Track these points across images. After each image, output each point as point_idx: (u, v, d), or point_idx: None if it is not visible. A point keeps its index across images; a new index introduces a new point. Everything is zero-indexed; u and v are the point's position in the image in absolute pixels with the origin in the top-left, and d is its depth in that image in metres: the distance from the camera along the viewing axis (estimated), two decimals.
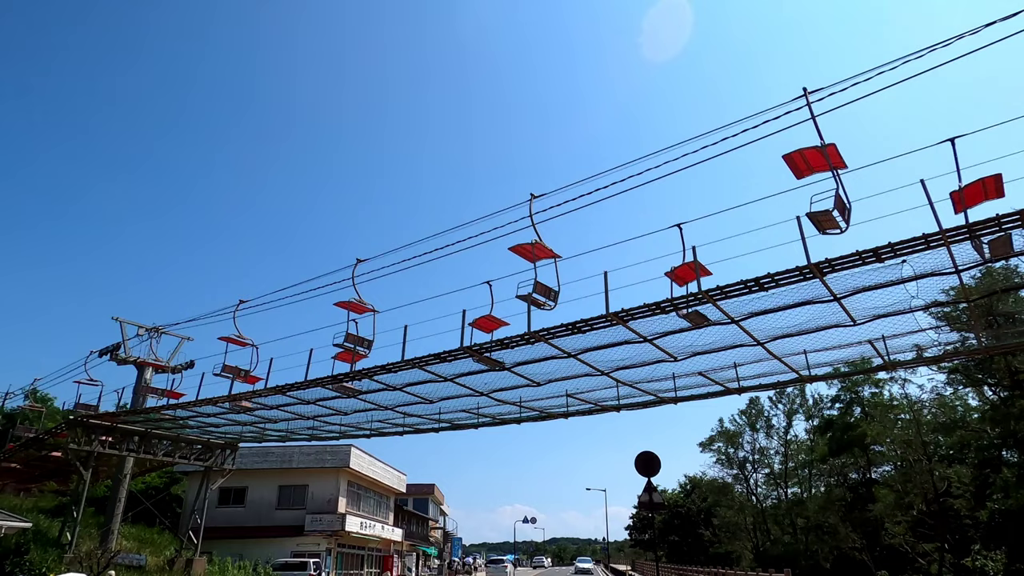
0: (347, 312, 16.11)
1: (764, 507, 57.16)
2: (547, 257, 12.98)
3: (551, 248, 12.76)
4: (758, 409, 57.88)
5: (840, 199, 9.80)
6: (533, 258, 12.87)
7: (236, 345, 19.41)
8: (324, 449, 37.23)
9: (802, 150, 9.81)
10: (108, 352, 26.05)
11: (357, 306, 15.97)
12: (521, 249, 12.81)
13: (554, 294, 13.08)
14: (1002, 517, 28.91)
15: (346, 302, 15.89)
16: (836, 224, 10.00)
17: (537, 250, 12.76)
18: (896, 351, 14.86)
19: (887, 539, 36.35)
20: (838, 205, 9.78)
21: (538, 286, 12.76)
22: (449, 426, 22.30)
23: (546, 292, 12.95)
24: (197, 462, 28.15)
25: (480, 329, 13.89)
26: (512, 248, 12.86)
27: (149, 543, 28.65)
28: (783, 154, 9.91)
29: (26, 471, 33.96)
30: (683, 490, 77.48)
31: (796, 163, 9.95)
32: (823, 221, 9.99)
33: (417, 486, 67.94)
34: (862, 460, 42.76)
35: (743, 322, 12.55)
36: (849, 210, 10.07)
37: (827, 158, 9.77)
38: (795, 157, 9.87)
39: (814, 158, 9.86)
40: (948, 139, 9.55)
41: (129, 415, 23.90)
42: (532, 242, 12.70)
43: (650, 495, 16.09)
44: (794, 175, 10.10)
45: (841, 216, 9.91)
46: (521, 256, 12.92)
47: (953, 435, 33.70)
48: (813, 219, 9.98)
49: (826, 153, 9.73)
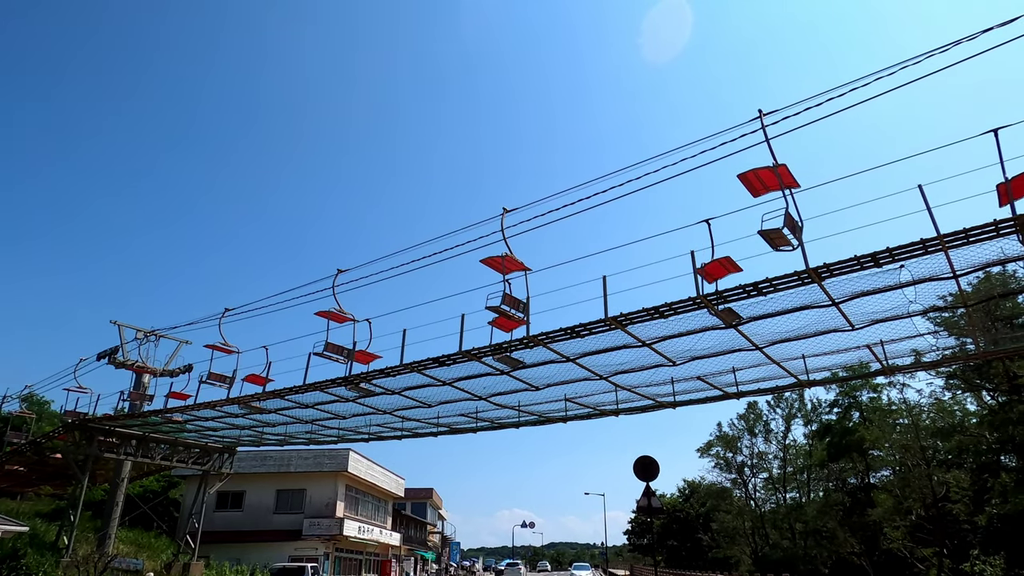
0: (340, 319, 16.41)
1: (763, 512, 57.08)
2: (517, 269, 13.27)
3: (521, 261, 13.06)
4: (756, 414, 57.87)
5: (790, 217, 10.09)
6: (503, 270, 13.14)
7: (221, 352, 20.00)
8: (322, 453, 37.17)
9: (756, 170, 10.12)
10: (107, 356, 26.01)
11: (337, 315, 16.31)
12: (492, 261, 13.12)
13: (523, 306, 13.34)
14: (1001, 522, 28.89)
15: (327, 311, 16.21)
16: (787, 241, 10.31)
17: (507, 262, 13.05)
18: (894, 356, 14.89)
19: (885, 544, 36.29)
20: (788, 223, 10.06)
21: (507, 298, 13.02)
22: (448, 430, 22.28)
23: (515, 304, 13.21)
24: (195, 466, 28.09)
25: (500, 328, 13.88)
26: (483, 260, 13.17)
27: (146, 547, 28.55)
28: (737, 173, 10.21)
29: (23, 475, 33.85)
30: (682, 495, 77.37)
31: (751, 182, 10.27)
32: (775, 239, 10.30)
33: (415, 490, 67.82)
34: (860, 465, 42.73)
35: (742, 326, 12.57)
36: (800, 228, 10.38)
37: (779, 178, 10.08)
38: (749, 176, 10.18)
39: (768, 177, 10.19)
40: (991, 130, 9.36)
41: (126, 418, 23.86)
42: (503, 255, 13.01)
43: (649, 500, 16.07)
44: (750, 193, 10.40)
45: (792, 234, 10.22)
46: (492, 268, 13.20)
47: (951, 440, 33.69)
48: (765, 236, 10.26)
49: (778, 173, 10.05)
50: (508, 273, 13.18)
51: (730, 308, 11.60)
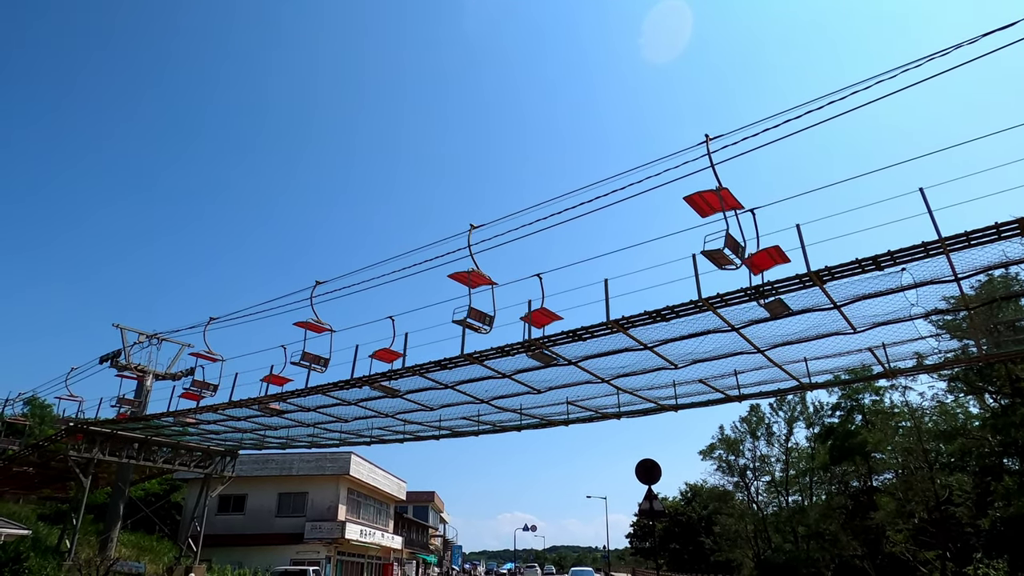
0: (318, 330, 16.77)
1: (765, 515, 56.90)
2: (484, 284, 13.57)
3: (487, 275, 13.41)
4: (759, 417, 57.71)
5: (731, 239, 10.46)
6: (470, 284, 13.46)
7: (206, 360, 20.59)
8: (324, 456, 37.17)
9: (701, 192, 10.46)
10: (109, 359, 26.06)
11: (315, 326, 16.62)
12: (459, 276, 13.46)
13: (489, 319, 13.69)
14: (1004, 525, 28.81)
15: (305, 322, 16.55)
16: (730, 261, 10.69)
17: (474, 277, 13.38)
18: (896, 358, 14.86)
19: (888, 547, 36.19)
20: (729, 244, 10.45)
21: (472, 311, 13.36)
22: (449, 433, 22.27)
23: (480, 317, 13.55)
24: (197, 469, 28.10)
25: (533, 325, 14.03)
26: (451, 275, 13.50)
27: (148, 550, 28.58)
28: (684, 196, 10.53)
29: (25, 478, 33.88)
30: (684, 498, 77.18)
31: (698, 204, 10.61)
32: (718, 259, 10.66)
33: (417, 494, 67.78)
34: (863, 468, 42.61)
35: (743, 329, 12.57)
36: (743, 248, 10.71)
37: (721, 200, 10.44)
38: (696, 199, 10.53)
39: (713, 200, 10.50)
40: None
41: (129, 421, 23.88)
42: (469, 270, 13.33)
43: (651, 503, 16.06)
44: (698, 214, 10.72)
45: (734, 253, 10.59)
46: (459, 282, 13.53)
47: (954, 443, 33.58)
48: (708, 256, 10.60)
49: (720, 196, 10.40)
50: (475, 287, 13.57)
51: (779, 299, 11.32)
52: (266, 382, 18.19)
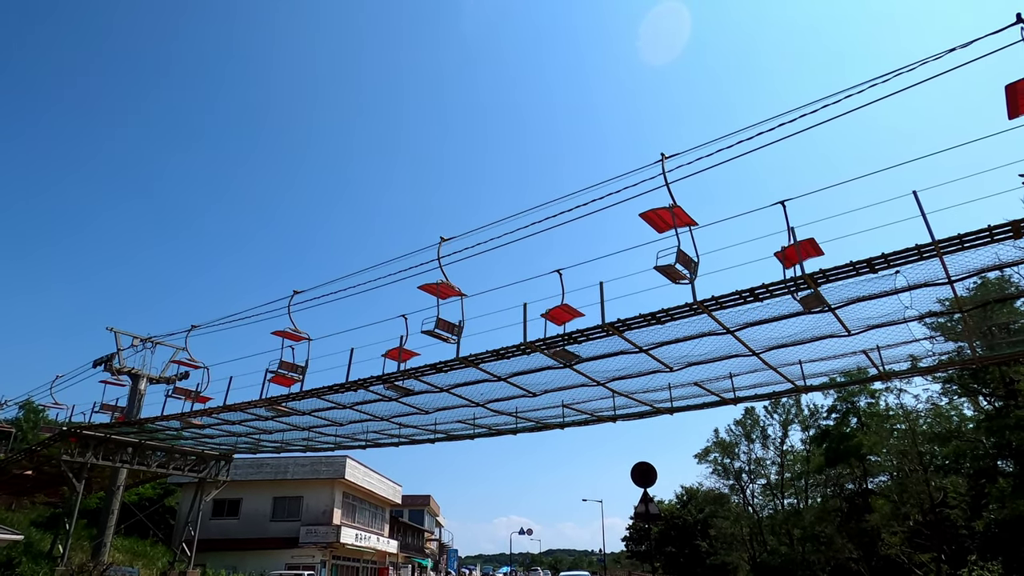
0: (295, 338, 17.10)
1: (760, 518, 56.93)
2: (453, 295, 13.85)
3: (457, 287, 13.76)
4: (754, 419, 57.74)
5: (682, 254, 10.83)
6: (439, 295, 13.76)
7: (188, 367, 21.01)
8: (319, 460, 37.03)
9: (656, 209, 10.82)
10: (103, 363, 25.93)
11: (292, 335, 16.92)
12: (429, 288, 13.75)
13: (457, 329, 13.94)
14: (998, 527, 28.90)
15: (282, 331, 16.83)
16: (683, 275, 11.02)
17: (443, 288, 13.70)
18: (891, 361, 14.89)
19: (883, 550, 36.23)
20: (681, 260, 10.81)
21: (440, 322, 13.64)
22: (445, 436, 22.22)
23: (449, 328, 13.82)
24: (191, 473, 27.95)
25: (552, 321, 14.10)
26: (420, 287, 13.79)
27: (142, 555, 28.40)
28: (640, 212, 10.89)
29: (18, 483, 33.67)
30: (679, 501, 77.10)
31: (654, 220, 10.97)
32: (670, 274, 10.96)
33: (413, 497, 67.61)
34: (858, 470, 42.69)
35: (738, 332, 12.58)
36: (696, 264, 11.11)
37: (674, 217, 10.83)
38: (651, 215, 10.89)
39: (668, 216, 10.85)
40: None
41: (123, 425, 23.75)
42: (438, 282, 13.62)
43: (646, 506, 16.03)
44: (655, 230, 11.08)
45: (686, 268, 10.95)
46: (429, 294, 13.82)
47: (948, 445, 33.68)
48: (661, 271, 10.89)
49: (673, 213, 10.79)
50: (445, 298, 13.83)
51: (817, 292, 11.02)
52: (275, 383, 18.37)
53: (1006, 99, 8.75)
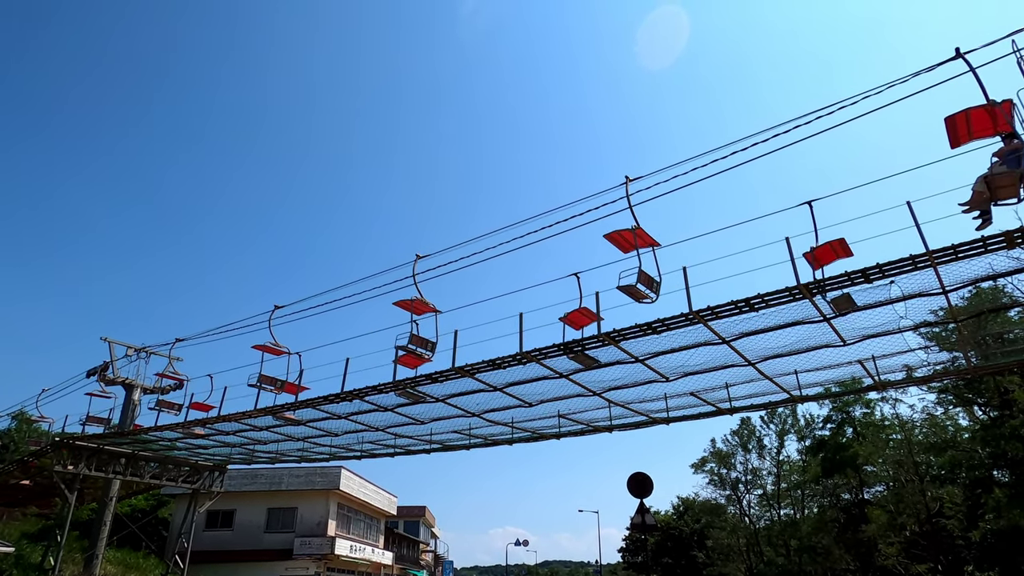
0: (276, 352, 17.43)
1: (757, 528, 56.75)
2: (427, 311, 14.15)
3: (432, 304, 14.08)
4: (750, 430, 57.67)
5: (644, 275, 11.13)
6: (412, 310, 14.04)
7: (171, 380, 21.38)
8: (314, 471, 36.79)
9: (620, 231, 11.11)
10: (96, 372, 25.77)
11: (272, 348, 17.31)
12: (403, 304, 14.03)
13: (431, 344, 14.28)
14: (995, 537, 28.86)
15: (263, 345, 17.20)
16: (646, 295, 11.33)
17: (417, 304, 13.98)
18: (886, 371, 14.93)
19: (880, 560, 36.13)
20: (642, 280, 11.11)
21: (414, 338, 14.01)
22: (440, 447, 22.14)
23: (423, 343, 14.15)
24: (184, 484, 27.74)
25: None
26: (396, 303, 14.07)
27: (134, 568, 28.13)
28: (604, 234, 11.15)
29: (9, 494, 33.37)
30: (676, 512, 76.83)
31: (618, 241, 11.24)
32: (633, 293, 11.21)
33: (408, 508, 67.21)
34: (854, 480, 42.65)
35: (734, 342, 12.59)
36: (658, 283, 11.43)
37: (636, 238, 11.15)
38: (615, 236, 11.17)
39: (630, 237, 11.14)
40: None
41: (116, 436, 23.59)
42: (413, 298, 13.91)
43: (643, 517, 15.97)
44: (620, 250, 11.37)
45: (648, 288, 11.25)
46: (404, 309, 14.08)
47: (944, 455, 33.69)
48: (624, 291, 11.15)
49: (635, 234, 11.10)
50: (420, 314, 14.09)
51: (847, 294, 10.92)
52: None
53: (947, 131, 8.93)
